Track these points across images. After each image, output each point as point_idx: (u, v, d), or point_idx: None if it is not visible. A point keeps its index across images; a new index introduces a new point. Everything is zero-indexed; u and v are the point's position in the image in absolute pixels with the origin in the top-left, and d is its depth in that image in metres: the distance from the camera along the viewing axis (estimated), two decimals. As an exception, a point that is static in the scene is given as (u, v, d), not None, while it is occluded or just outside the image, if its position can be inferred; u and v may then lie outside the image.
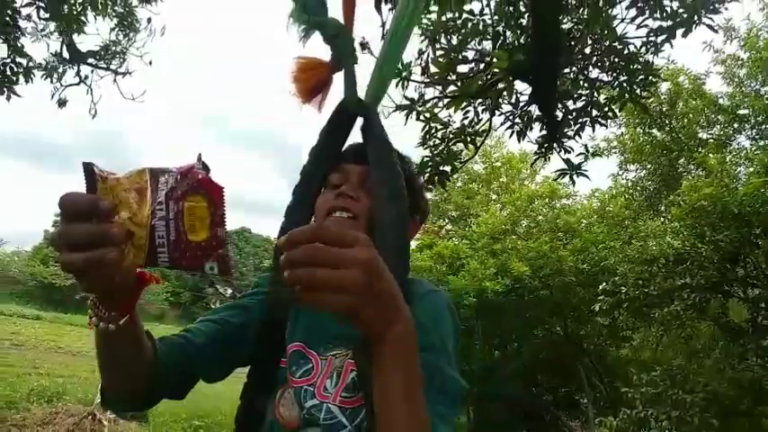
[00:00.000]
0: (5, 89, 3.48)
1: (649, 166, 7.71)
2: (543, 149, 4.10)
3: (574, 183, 4.29)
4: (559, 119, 3.82)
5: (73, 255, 0.61)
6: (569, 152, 3.97)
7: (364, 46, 2.95)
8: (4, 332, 16.79)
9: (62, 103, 4.47)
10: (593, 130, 3.97)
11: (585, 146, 3.97)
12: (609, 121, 4.06)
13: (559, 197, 8.23)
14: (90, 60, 4.20)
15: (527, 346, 8.94)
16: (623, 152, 8.09)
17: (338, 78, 1.06)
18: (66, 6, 3.46)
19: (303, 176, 1.09)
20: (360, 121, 1.09)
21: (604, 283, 5.68)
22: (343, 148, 1.12)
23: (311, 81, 1.03)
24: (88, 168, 0.62)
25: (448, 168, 4.16)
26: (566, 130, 3.92)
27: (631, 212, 7.22)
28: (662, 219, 6.36)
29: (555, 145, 4.00)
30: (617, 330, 7.92)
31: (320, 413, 0.92)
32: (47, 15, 3.42)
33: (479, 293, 6.56)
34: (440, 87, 3.73)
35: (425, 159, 4.12)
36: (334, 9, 1.01)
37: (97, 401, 8.51)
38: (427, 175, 4.14)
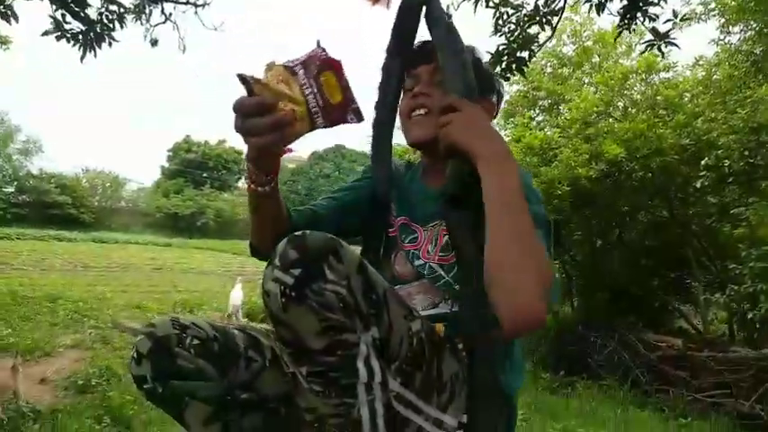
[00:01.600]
0: (105, 36, 3.84)
1: (755, 26, 6.84)
2: (626, 20, 3.85)
3: (663, 54, 4.04)
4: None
5: (259, 139, 0.89)
6: (655, 20, 3.71)
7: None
8: (144, 258, 18.93)
9: (154, 42, 4.84)
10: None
11: (673, 10, 3.68)
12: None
13: (657, 71, 7.60)
14: (170, -3, 4.46)
15: (630, 233, 8.74)
16: (723, 13, 7.22)
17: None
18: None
19: (383, 71, 1.21)
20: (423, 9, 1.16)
21: (706, 158, 5.36)
22: (412, 50, 1.22)
23: None
24: (242, 77, 0.86)
25: (525, 54, 4.06)
26: (649, -4, 3.65)
27: (737, 80, 6.56)
28: (772, 83, 5.75)
29: (638, 14, 3.75)
30: (727, 208, 7.49)
31: (425, 270, 1.17)
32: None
33: (573, 182, 6.43)
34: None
35: (501, 47, 4.04)
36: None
37: (230, 310, 9.64)
38: (504, 63, 4.08)
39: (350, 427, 0.88)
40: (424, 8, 1.15)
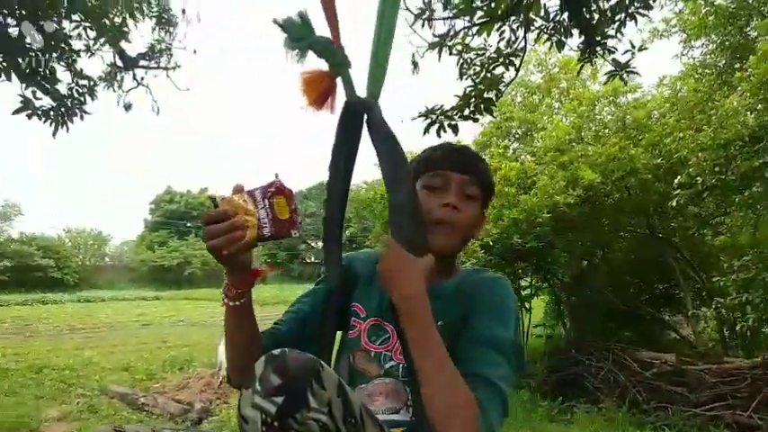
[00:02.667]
0: (77, 111, 3.88)
1: (716, 39, 7.10)
2: (587, 55, 3.99)
3: (626, 83, 4.18)
4: (595, 21, 3.70)
5: (215, 241, 1.01)
6: (613, 52, 3.85)
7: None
8: (132, 314, 18.60)
9: (128, 107, 4.89)
10: (636, 23, 3.80)
11: (630, 42, 3.83)
12: (651, 8, 3.86)
13: (624, 93, 7.82)
14: (141, 63, 4.53)
15: (614, 252, 8.82)
16: (684, 29, 7.49)
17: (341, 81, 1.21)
18: (107, 21, 3.74)
19: (330, 170, 1.25)
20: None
21: (679, 177, 5.48)
22: (440, 152, 1.32)
23: (318, 90, 1.18)
24: (211, 197, 1.10)
25: (492, 95, 4.16)
26: (605, 30, 3.79)
27: (703, 94, 6.75)
28: (737, 96, 5.93)
29: (597, 48, 3.89)
30: (706, 219, 7.64)
31: (398, 371, 1.19)
32: (94, 33, 3.75)
33: (552, 208, 6.52)
34: (467, 18, 3.71)
35: (468, 90, 4.14)
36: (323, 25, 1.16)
37: (218, 366, 9.46)
38: (473, 104, 4.18)
39: None
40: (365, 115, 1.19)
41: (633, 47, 3.81)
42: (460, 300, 1.19)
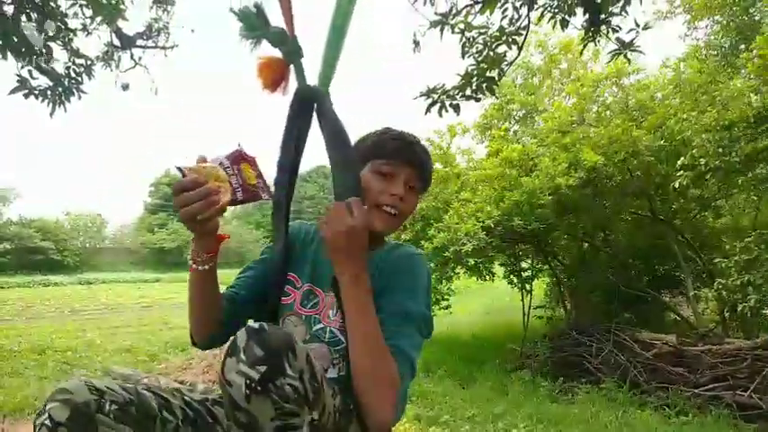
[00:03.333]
0: (74, 90, 3.82)
1: (721, 20, 7.01)
2: (591, 34, 3.93)
3: (630, 62, 4.12)
4: (600, -1, 3.63)
5: (190, 207, 1.09)
6: (618, 31, 3.79)
7: None
8: (133, 296, 18.68)
9: (125, 87, 4.84)
10: (641, 2, 3.74)
11: (635, 20, 3.77)
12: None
13: (627, 74, 7.74)
14: (139, 42, 4.48)
15: (615, 234, 8.82)
16: (689, 10, 7.39)
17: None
18: (104, -1, 3.69)
19: (281, 151, 1.36)
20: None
21: (682, 158, 5.44)
22: (394, 144, 1.43)
23: (272, 75, 1.27)
24: (179, 168, 1.12)
25: (494, 74, 4.11)
26: (610, 9, 3.73)
27: (706, 76, 6.68)
28: (741, 78, 5.86)
29: (602, 26, 3.82)
30: (708, 201, 7.61)
31: (325, 334, 1.34)
32: (90, 12, 3.68)
33: (554, 190, 6.49)
34: (469, -7, 3.65)
35: (470, 69, 4.09)
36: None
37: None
38: (475, 84, 4.13)
39: None
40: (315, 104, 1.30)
41: (638, 25, 3.75)
42: (382, 272, 1.30)
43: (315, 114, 1.30)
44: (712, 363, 6.02)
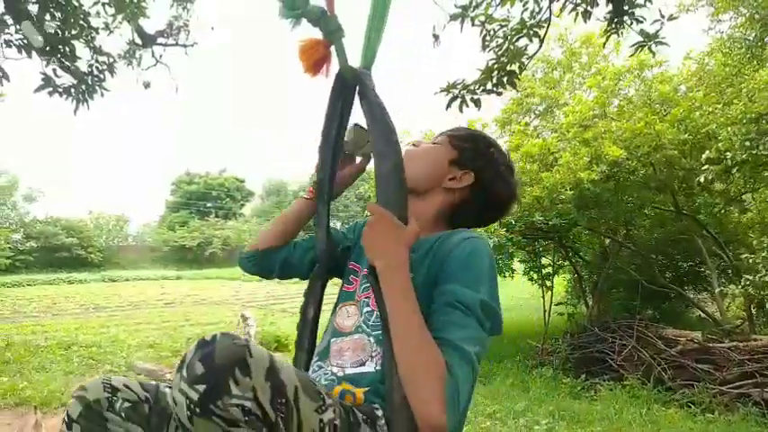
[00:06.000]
0: (97, 88, 3.88)
1: (745, 12, 6.85)
2: (614, 25, 3.86)
3: (654, 54, 4.05)
4: (624, -12, 3.56)
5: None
6: (642, 22, 3.72)
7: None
8: (155, 294, 18.94)
9: (146, 85, 4.90)
10: (666, -8, 3.65)
11: (660, 11, 3.69)
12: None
13: (650, 67, 7.61)
14: (160, 40, 4.52)
15: (637, 229, 8.70)
16: (712, 3, 7.23)
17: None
18: (125, -4, 3.74)
19: (322, 137, 1.36)
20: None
21: (707, 152, 5.32)
22: (510, 207, 1.45)
23: (314, 57, 1.23)
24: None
25: (515, 67, 4.06)
26: (634, -1, 3.66)
27: (731, 68, 6.53)
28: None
29: (625, 18, 3.75)
30: (734, 196, 7.45)
31: (371, 317, 1.26)
32: (112, 10, 3.74)
33: (576, 185, 6.41)
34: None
35: (490, 62, 4.05)
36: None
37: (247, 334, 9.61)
38: (495, 77, 4.08)
39: None
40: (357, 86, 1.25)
41: (662, 16, 3.67)
42: (434, 258, 1.22)
43: (357, 96, 1.27)
44: (739, 360, 5.91)
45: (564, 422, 4.72)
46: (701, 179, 5.40)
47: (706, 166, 5.40)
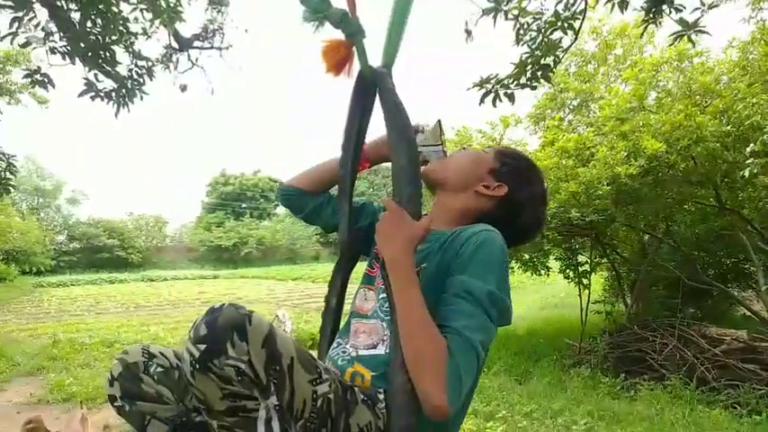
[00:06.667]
0: (136, 91, 4.00)
1: (787, -1, 6.57)
2: (651, 14, 3.76)
3: (694, 44, 3.93)
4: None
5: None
6: (681, 10, 3.61)
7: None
8: (193, 293, 19.33)
9: (183, 88, 5.01)
10: (706, -21, 3.54)
11: (700, -1, 3.57)
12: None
13: (690, 57, 7.38)
14: (196, 43, 4.62)
15: (678, 224, 8.45)
16: (754, -10, 6.97)
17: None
18: (162, 1, 3.83)
19: (345, 133, 1.43)
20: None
21: (752, 144, 5.12)
22: (537, 231, 1.56)
23: (336, 57, 1.28)
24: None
25: (550, 60, 4.00)
26: (673, -13, 3.55)
27: (776, 58, 6.28)
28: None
29: (663, 6, 3.65)
30: (780, 189, 7.17)
31: (385, 303, 1.32)
32: (150, 15, 3.84)
33: (613, 180, 6.26)
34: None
35: (524, 56, 3.99)
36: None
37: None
38: (529, 72, 4.03)
39: None
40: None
41: (702, 4, 3.55)
42: (446, 251, 1.28)
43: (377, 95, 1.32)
44: (787, 359, 5.71)
45: (603, 422, 4.64)
46: (746, 173, 5.19)
47: (750, 160, 5.19)
